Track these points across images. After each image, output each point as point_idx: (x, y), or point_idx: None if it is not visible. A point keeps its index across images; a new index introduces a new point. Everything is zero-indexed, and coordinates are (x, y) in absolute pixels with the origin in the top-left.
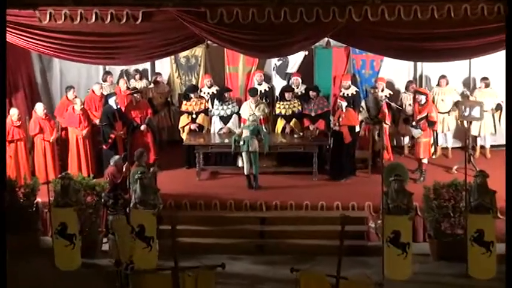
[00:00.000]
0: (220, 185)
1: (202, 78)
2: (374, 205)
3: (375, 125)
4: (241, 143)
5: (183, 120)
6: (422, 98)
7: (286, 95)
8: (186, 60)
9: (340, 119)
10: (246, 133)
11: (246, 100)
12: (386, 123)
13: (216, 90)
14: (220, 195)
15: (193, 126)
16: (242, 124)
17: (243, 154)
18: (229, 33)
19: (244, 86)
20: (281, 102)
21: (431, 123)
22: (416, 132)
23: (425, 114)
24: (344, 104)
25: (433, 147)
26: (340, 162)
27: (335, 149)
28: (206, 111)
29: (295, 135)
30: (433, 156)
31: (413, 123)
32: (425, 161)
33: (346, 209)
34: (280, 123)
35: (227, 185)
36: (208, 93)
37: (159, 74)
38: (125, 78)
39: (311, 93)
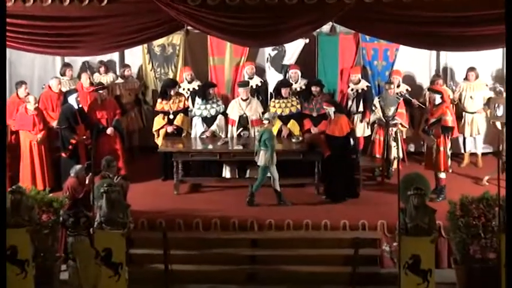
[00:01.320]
0: (203, 200)
1: (181, 71)
2: (388, 224)
3: (390, 128)
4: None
5: (158, 121)
6: (437, 97)
7: (283, 91)
8: (162, 49)
9: (306, 135)
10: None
11: (234, 97)
12: (404, 126)
13: (198, 85)
14: (203, 212)
15: (170, 129)
16: (231, 126)
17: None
18: (213, 16)
19: (232, 80)
20: (276, 100)
21: (446, 129)
22: (429, 139)
23: (439, 117)
24: (331, 109)
25: (450, 159)
26: (334, 179)
27: (328, 163)
28: (186, 111)
29: (294, 140)
30: (461, 165)
31: (426, 127)
32: (442, 175)
33: (355, 229)
34: (275, 125)
35: (211, 201)
36: (189, 89)
37: (129, 66)
38: (88, 71)
39: (313, 89)
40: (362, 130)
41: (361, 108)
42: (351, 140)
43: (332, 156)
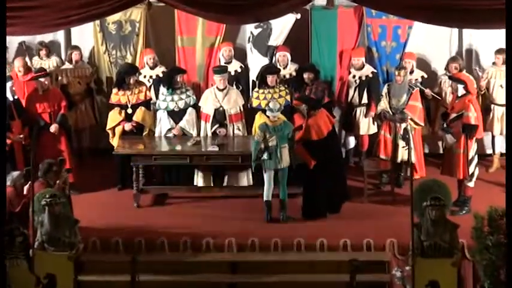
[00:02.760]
0: (170, 215)
1: (142, 54)
2: (400, 243)
3: (399, 124)
4: (265, 156)
5: (114, 117)
6: (459, 88)
7: (269, 79)
8: (118, 27)
9: (297, 132)
10: (272, 139)
11: (207, 87)
12: (417, 122)
13: (163, 72)
14: (169, 229)
15: (128, 127)
16: (204, 123)
17: (265, 172)
18: None
19: (205, 65)
20: (260, 90)
21: (468, 128)
22: (447, 139)
23: (460, 112)
24: (303, 108)
25: (473, 164)
26: (314, 193)
27: (311, 174)
28: (148, 104)
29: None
30: (490, 170)
31: (444, 124)
32: (471, 184)
33: (359, 250)
34: (259, 121)
35: (180, 215)
36: (151, 76)
37: (78, 49)
38: (26, 55)
39: (305, 75)
40: (366, 127)
41: (365, 100)
42: (335, 139)
43: (316, 165)
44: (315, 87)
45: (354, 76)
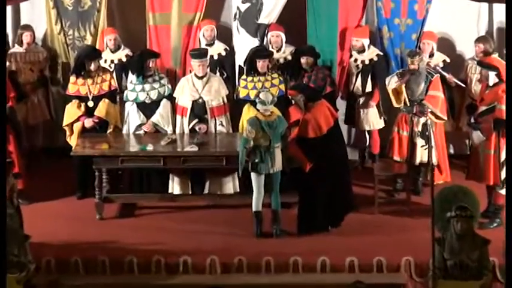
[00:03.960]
0: (140, 228)
1: (103, 34)
2: (418, 262)
3: (417, 117)
4: (256, 158)
5: (72, 111)
6: (491, 75)
7: (259, 64)
8: (75, 2)
9: (293, 129)
10: (264, 138)
11: (184, 74)
12: (438, 116)
13: (127, 55)
14: (139, 246)
15: (89, 123)
16: (180, 117)
17: (254, 177)
18: None
19: (182, 48)
20: (249, 78)
21: (500, 123)
22: (475, 136)
23: (492, 105)
24: (299, 99)
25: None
26: (312, 202)
27: (307, 178)
28: (112, 95)
29: None
30: None
31: (471, 119)
32: (503, 191)
33: (368, 271)
34: (247, 115)
35: (152, 228)
36: (112, 61)
37: (28, 28)
38: None
39: (302, 60)
40: (374, 120)
41: (369, 88)
42: (337, 137)
43: (313, 169)
44: (315, 74)
45: (355, 60)
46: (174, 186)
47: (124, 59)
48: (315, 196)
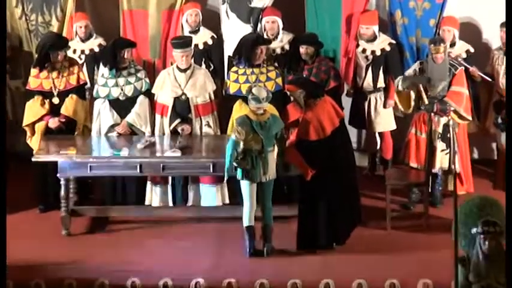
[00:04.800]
0: (113, 246)
1: (71, 19)
2: (437, 286)
3: (437, 116)
4: (247, 164)
5: (34, 109)
6: None
7: (253, 53)
8: None
9: (291, 130)
10: (256, 141)
11: (165, 66)
12: (462, 116)
13: (100, 45)
14: (112, 266)
15: (54, 123)
16: (160, 117)
17: (244, 186)
18: None
19: (162, 36)
20: (241, 70)
21: None
22: (503, 139)
23: None
24: (299, 95)
25: None
26: (313, 216)
27: (308, 188)
28: (81, 90)
29: None
30: None
31: (499, 119)
32: None
33: None
34: (239, 113)
35: (127, 246)
36: (83, 51)
37: None
38: None
39: (301, 50)
40: (386, 121)
41: (381, 83)
42: (343, 140)
43: (315, 177)
44: (316, 66)
45: (364, 50)
46: (153, 197)
47: (96, 49)
48: (317, 208)
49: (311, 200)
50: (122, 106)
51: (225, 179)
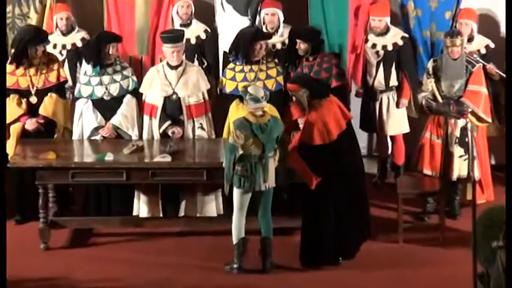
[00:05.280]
0: (97, 261)
1: (52, 11)
2: None
3: (454, 118)
4: (245, 171)
5: (9, 109)
6: None
7: (252, 48)
8: None
9: (294, 133)
10: (256, 145)
11: (154, 63)
12: (481, 118)
13: (83, 39)
14: (94, 283)
15: (31, 124)
16: (149, 118)
17: (238, 195)
18: None
19: (151, 29)
20: (238, 67)
21: None
22: None
23: None
24: (302, 94)
25: None
26: (318, 228)
27: (312, 198)
28: (61, 89)
29: None
30: None
31: None
32: None
33: None
34: (235, 115)
35: (111, 261)
36: (64, 46)
37: None
38: None
39: (301, 44)
40: (399, 123)
41: (394, 81)
42: (351, 144)
43: (320, 185)
44: (318, 63)
45: (374, 45)
46: (141, 207)
47: (79, 44)
48: (322, 219)
49: (315, 210)
50: (106, 107)
51: (226, 189)
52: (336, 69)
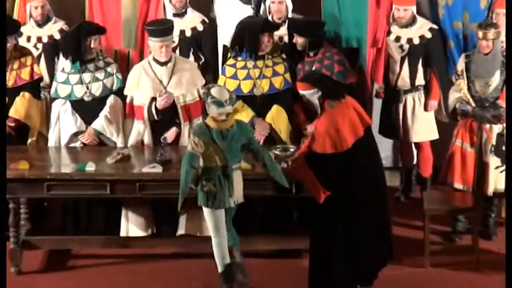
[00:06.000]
0: (75, 286)
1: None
2: None
3: (489, 125)
4: (208, 185)
5: None
6: None
7: (259, 41)
8: None
9: (304, 140)
10: (219, 155)
11: (143, 57)
12: None
13: (61, 31)
14: None
15: None
16: (136, 122)
17: (210, 215)
18: None
19: (139, 19)
20: (240, 63)
21: None
22: None
23: None
24: (312, 94)
25: None
26: (328, 250)
27: (321, 215)
28: (35, 88)
29: (277, 152)
30: None
31: None
32: None
33: None
34: (239, 117)
35: (92, 286)
36: (40, 39)
37: None
38: None
39: (298, 39)
40: (427, 128)
41: (420, 80)
42: (369, 153)
43: (330, 200)
44: (319, 60)
45: (397, 39)
46: (129, 226)
47: (57, 36)
48: (332, 239)
49: (326, 229)
50: (87, 109)
51: (180, 203)
52: (340, 66)
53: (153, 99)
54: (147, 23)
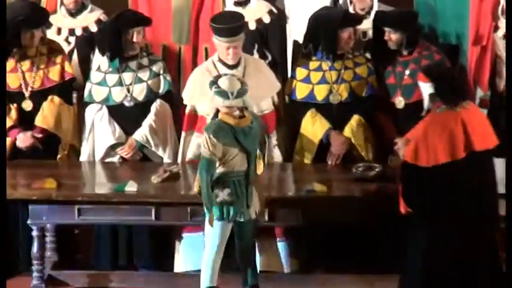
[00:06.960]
0: None
1: None
2: None
3: None
4: (226, 194)
5: None
6: None
7: (344, 35)
8: None
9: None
10: (239, 159)
11: (197, 55)
12: None
13: (98, 21)
14: None
15: (23, 141)
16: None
17: (218, 227)
18: None
19: (192, 9)
20: (314, 63)
21: None
22: None
23: None
24: (427, 88)
25: None
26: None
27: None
28: (67, 91)
29: (360, 170)
30: None
31: None
32: None
33: None
34: (310, 129)
35: None
36: (72, 31)
37: None
38: None
39: (392, 35)
40: None
41: None
42: (479, 169)
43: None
44: (414, 59)
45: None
46: (183, 260)
47: (93, 28)
48: (430, 276)
49: (420, 262)
50: (128, 116)
51: (207, 219)
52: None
53: None
54: (211, 18)
